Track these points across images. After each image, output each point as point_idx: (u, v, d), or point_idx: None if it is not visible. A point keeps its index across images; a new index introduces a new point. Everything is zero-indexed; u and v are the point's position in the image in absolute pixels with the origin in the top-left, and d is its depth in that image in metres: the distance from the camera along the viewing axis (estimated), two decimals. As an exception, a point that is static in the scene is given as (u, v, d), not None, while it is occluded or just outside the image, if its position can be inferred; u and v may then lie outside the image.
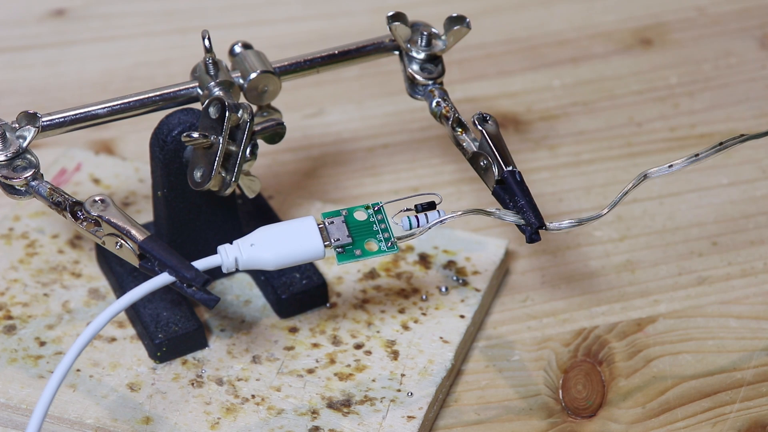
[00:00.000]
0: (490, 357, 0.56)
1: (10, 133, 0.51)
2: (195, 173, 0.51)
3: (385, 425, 0.51)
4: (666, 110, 0.71)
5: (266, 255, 0.48)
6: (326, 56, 0.57)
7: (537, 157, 0.67)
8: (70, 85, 0.73)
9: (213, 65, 0.54)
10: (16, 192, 0.51)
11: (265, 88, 0.55)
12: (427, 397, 0.52)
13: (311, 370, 0.53)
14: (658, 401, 0.54)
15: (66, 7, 0.79)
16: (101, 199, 0.49)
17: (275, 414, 0.51)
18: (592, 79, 0.73)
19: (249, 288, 0.57)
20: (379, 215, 0.50)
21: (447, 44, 0.56)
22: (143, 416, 0.51)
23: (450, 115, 0.54)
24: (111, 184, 0.63)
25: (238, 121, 0.51)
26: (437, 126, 0.63)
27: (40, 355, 0.54)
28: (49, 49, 0.76)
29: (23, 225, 0.60)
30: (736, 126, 0.69)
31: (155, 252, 0.47)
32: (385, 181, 0.66)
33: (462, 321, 0.56)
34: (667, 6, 0.79)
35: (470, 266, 0.58)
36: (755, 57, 0.75)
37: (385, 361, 0.54)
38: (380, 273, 0.58)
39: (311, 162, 0.67)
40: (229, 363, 0.54)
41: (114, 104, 0.53)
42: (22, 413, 0.52)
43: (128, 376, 0.53)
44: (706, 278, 0.60)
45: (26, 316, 0.56)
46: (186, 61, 0.72)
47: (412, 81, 0.56)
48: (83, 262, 0.58)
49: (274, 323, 0.56)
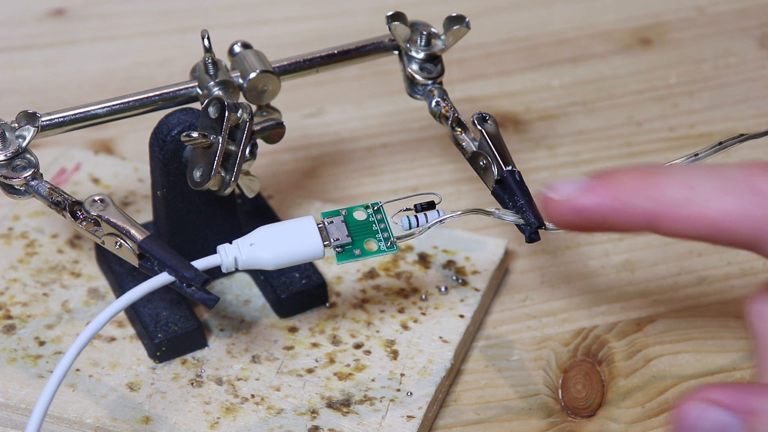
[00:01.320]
0: (489, 357, 0.56)
1: (10, 132, 0.51)
2: (194, 173, 0.51)
3: (384, 425, 0.51)
4: (665, 110, 0.71)
5: (266, 255, 0.48)
6: (325, 56, 0.57)
7: (536, 157, 0.67)
8: (70, 85, 0.73)
9: (212, 65, 0.54)
10: (16, 192, 0.51)
11: (265, 88, 0.55)
12: (426, 396, 0.52)
13: (311, 370, 0.53)
14: (657, 401, 0.54)
15: (65, 7, 0.79)
16: (101, 199, 0.49)
17: (275, 414, 0.51)
18: (592, 78, 0.73)
19: (248, 288, 0.57)
20: (379, 215, 0.50)
21: (446, 44, 0.56)
22: (143, 416, 0.51)
23: (449, 114, 0.54)
24: (110, 183, 0.63)
25: (238, 120, 0.51)
26: (437, 126, 0.63)
27: (40, 354, 0.54)
28: (49, 49, 0.76)
29: (23, 225, 0.60)
30: (736, 126, 0.69)
31: (155, 252, 0.47)
32: (384, 181, 0.66)
33: (461, 321, 0.56)
34: (667, 6, 0.79)
35: (470, 266, 0.58)
36: (755, 57, 0.75)
37: (384, 360, 0.54)
38: (380, 273, 0.58)
39: (310, 162, 0.67)
40: (228, 363, 0.54)
41: (113, 104, 0.53)
42: (22, 413, 0.52)
43: (128, 376, 0.53)
44: (706, 278, 0.60)
45: (26, 316, 0.56)
46: (185, 61, 0.72)
47: (411, 81, 0.56)
48: (83, 261, 0.58)
49: (273, 323, 0.56)
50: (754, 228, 0.41)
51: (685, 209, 0.41)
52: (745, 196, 0.41)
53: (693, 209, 0.41)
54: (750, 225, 0.41)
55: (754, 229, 0.41)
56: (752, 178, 0.41)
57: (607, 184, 0.42)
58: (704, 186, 0.41)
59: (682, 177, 0.42)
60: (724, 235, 0.41)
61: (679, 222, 0.41)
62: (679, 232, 0.42)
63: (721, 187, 0.41)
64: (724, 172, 0.42)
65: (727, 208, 0.41)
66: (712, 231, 0.41)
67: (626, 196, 0.42)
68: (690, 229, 0.41)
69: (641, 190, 0.42)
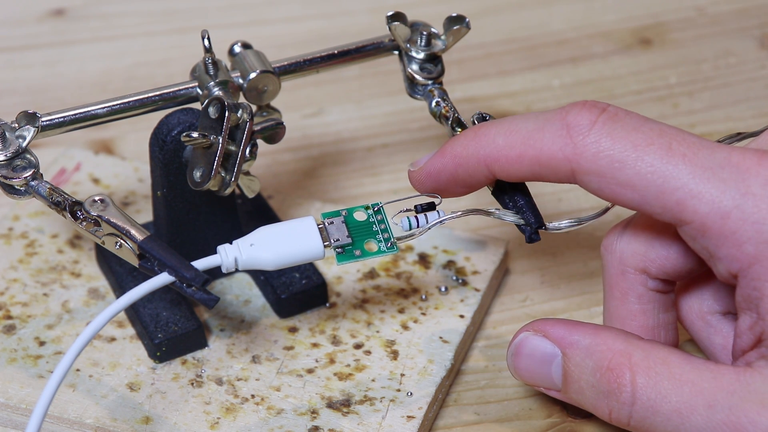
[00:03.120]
0: (489, 357, 0.56)
1: (10, 132, 0.51)
2: (194, 173, 0.51)
3: (384, 425, 0.51)
4: (665, 110, 0.71)
5: (266, 255, 0.48)
6: (326, 56, 0.57)
7: (536, 157, 0.67)
8: (70, 85, 0.73)
9: (212, 65, 0.54)
10: (16, 192, 0.51)
11: (265, 88, 0.55)
12: (426, 396, 0.52)
13: (311, 370, 0.53)
14: (657, 401, 0.54)
15: (65, 7, 0.79)
16: (101, 199, 0.49)
17: (275, 414, 0.51)
18: (592, 78, 0.73)
19: (248, 288, 0.57)
20: (379, 215, 0.50)
21: (446, 44, 0.56)
22: (143, 416, 0.51)
23: (449, 114, 0.54)
24: (110, 183, 0.63)
25: (238, 120, 0.51)
26: (437, 126, 0.63)
27: (40, 354, 0.54)
28: (49, 49, 0.76)
29: (23, 225, 0.60)
30: (736, 126, 0.69)
31: (155, 252, 0.47)
32: (384, 181, 0.66)
33: (461, 321, 0.56)
34: (667, 6, 0.79)
35: (470, 266, 0.58)
36: (755, 57, 0.75)
37: (384, 360, 0.54)
38: (380, 273, 0.58)
39: (311, 162, 0.67)
40: (228, 363, 0.54)
41: (113, 104, 0.53)
42: (22, 413, 0.52)
43: (128, 376, 0.53)
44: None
45: (26, 316, 0.56)
46: (185, 61, 0.72)
47: (411, 81, 0.56)
48: (83, 261, 0.58)
49: (273, 323, 0.56)
50: (567, 161, 0.45)
51: (511, 150, 0.46)
52: (559, 133, 0.45)
53: (516, 150, 0.46)
54: (563, 158, 0.45)
55: (567, 161, 0.45)
56: (565, 115, 0.45)
57: (447, 147, 0.49)
58: (524, 129, 0.46)
59: (507, 124, 0.47)
60: (546, 170, 0.46)
61: (507, 163, 0.47)
62: (512, 173, 0.47)
63: (539, 128, 0.46)
64: (544, 114, 0.46)
65: (543, 146, 0.46)
66: (535, 168, 0.46)
67: (461, 150, 0.48)
68: (518, 168, 0.46)
69: (472, 142, 0.48)
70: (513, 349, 0.49)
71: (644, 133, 0.44)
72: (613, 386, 0.45)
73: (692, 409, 0.44)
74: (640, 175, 0.44)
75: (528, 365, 0.48)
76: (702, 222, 0.44)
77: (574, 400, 0.47)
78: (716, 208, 0.43)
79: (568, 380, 0.47)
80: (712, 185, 0.43)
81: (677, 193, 0.44)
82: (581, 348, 0.47)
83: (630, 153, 0.44)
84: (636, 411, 0.45)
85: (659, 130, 0.45)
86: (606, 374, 0.45)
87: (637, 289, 0.49)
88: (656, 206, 0.44)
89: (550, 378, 0.48)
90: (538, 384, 0.49)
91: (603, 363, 0.46)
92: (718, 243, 0.44)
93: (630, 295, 0.49)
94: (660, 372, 0.45)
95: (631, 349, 0.46)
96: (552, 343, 0.48)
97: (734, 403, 0.43)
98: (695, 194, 0.43)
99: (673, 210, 0.44)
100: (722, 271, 0.44)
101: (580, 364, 0.46)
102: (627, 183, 0.44)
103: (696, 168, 0.44)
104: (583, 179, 0.45)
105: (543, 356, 0.48)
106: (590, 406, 0.47)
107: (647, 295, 0.49)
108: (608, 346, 0.46)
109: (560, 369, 0.47)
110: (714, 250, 0.44)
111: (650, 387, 0.44)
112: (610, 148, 0.44)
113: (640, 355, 0.45)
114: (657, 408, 0.44)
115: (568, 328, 0.47)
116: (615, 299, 0.49)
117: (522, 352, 0.48)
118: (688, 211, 0.44)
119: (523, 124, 0.46)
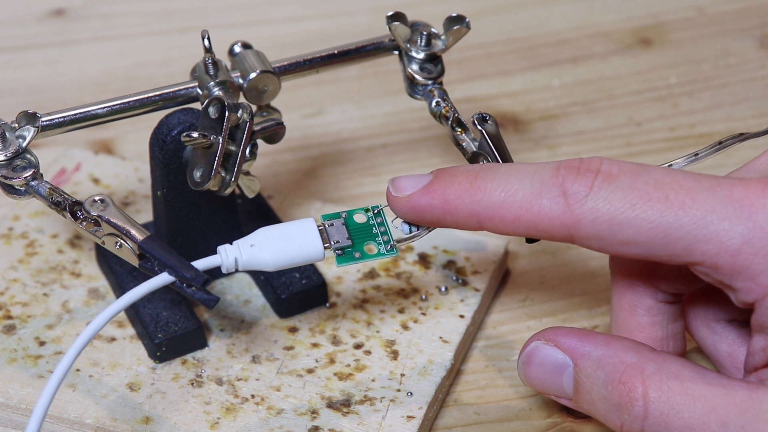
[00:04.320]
0: (489, 357, 0.56)
1: (10, 132, 0.51)
2: (194, 173, 0.51)
3: (384, 425, 0.51)
4: (665, 110, 0.71)
5: (266, 256, 0.48)
6: (326, 56, 0.57)
7: (536, 157, 0.67)
8: (70, 85, 0.73)
9: (212, 65, 0.54)
10: (16, 192, 0.51)
11: (265, 88, 0.55)
12: (426, 396, 0.52)
13: (311, 370, 0.53)
14: (657, 401, 0.54)
15: (65, 7, 0.79)
16: (101, 199, 0.49)
17: (275, 414, 0.51)
18: (592, 78, 0.73)
19: (248, 288, 0.57)
20: (379, 218, 0.50)
21: (446, 44, 0.56)
22: (143, 416, 0.51)
23: (449, 114, 0.54)
24: (110, 183, 0.63)
25: (238, 120, 0.51)
26: (437, 126, 0.63)
27: (40, 354, 0.54)
28: (49, 49, 0.76)
29: (23, 225, 0.60)
30: (736, 125, 0.69)
31: (155, 252, 0.47)
32: (384, 181, 0.66)
33: (461, 321, 0.56)
34: (667, 6, 0.79)
35: (470, 266, 0.58)
36: (755, 57, 0.75)
37: (384, 360, 0.54)
38: (380, 273, 0.58)
39: (311, 162, 0.67)
40: (228, 363, 0.54)
41: (113, 104, 0.53)
42: (22, 413, 0.52)
43: (128, 376, 0.53)
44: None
45: (26, 316, 0.56)
46: (185, 61, 0.72)
47: (411, 81, 0.56)
48: (83, 261, 0.58)
49: (273, 323, 0.56)
50: (565, 227, 0.45)
51: (506, 212, 0.46)
52: (556, 199, 0.45)
53: (512, 212, 0.46)
54: (561, 225, 0.45)
55: (565, 228, 0.45)
56: (562, 182, 0.45)
57: (439, 187, 0.48)
58: (522, 191, 0.46)
59: (504, 182, 0.46)
60: (543, 233, 0.46)
61: (501, 223, 0.46)
62: (504, 231, 0.47)
63: (536, 192, 0.46)
64: (539, 175, 0.46)
65: (540, 211, 0.45)
66: (531, 230, 0.46)
67: (454, 199, 0.47)
68: (512, 228, 0.46)
69: (467, 194, 0.47)
70: (524, 358, 0.49)
71: (640, 189, 0.44)
72: (625, 400, 0.45)
73: (705, 426, 0.43)
74: (641, 232, 0.44)
75: (539, 374, 0.48)
76: (713, 261, 0.44)
77: (586, 410, 0.47)
78: (725, 248, 0.43)
79: (580, 391, 0.47)
80: (717, 226, 0.43)
81: (682, 241, 0.44)
82: (593, 359, 0.46)
83: (628, 213, 0.44)
84: (648, 425, 0.45)
85: (654, 182, 0.44)
86: (618, 387, 0.45)
87: (645, 302, 0.49)
88: (663, 256, 0.44)
89: (561, 387, 0.48)
90: (549, 393, 0.48)
91: (615, 376, 0.45)
92: (732, 278, 0.44)
93: (639, 308, 0.49)
94: (672, 387, 0.44)
95: (644, 362, 0.45)
96: (563, 354, 0.47)
97: (747, 421, 0.43)
98: (701, 238, 0.43)
99: (681, 256, 0.44)
100: (738, 300, 0.44)
101: (592, 375, 0.46)
102: (629, 242, 0.44)
103: (697, 213, 0.43)
104: (584, 243, 0.45)
105: (554, 366, 0.47)
106: (602, 417, 0.46)
107: (656, 307, 0.49)
108: (620, 359, 0.46)
109: (572, 379, 0.47)
110: (729, 282, 0.44)
111: (663, 401, 0.44)
112: (608, 213, 0.44)
113: (653, 368, 0.45)
114: (669, 423, 0.44)
115: (580, 338, 0.47)
116: (623, 311, 0.49)
117: (533, 361, 0.48)
118: (697, 255, 0.44)
119: (519, 185, 0.46)
